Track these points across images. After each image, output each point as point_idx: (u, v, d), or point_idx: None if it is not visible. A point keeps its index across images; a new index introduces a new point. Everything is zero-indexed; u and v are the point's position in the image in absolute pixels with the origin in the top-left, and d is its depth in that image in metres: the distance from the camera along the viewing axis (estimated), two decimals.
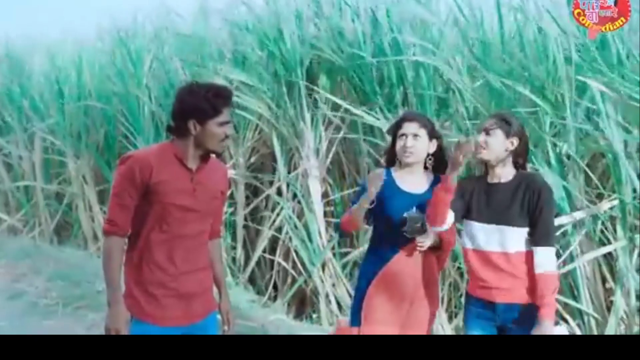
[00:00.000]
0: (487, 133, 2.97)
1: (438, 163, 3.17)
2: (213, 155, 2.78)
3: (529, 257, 2.92)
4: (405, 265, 3.08)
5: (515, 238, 2.92)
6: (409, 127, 3.10)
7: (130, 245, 2.75)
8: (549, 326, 2.85)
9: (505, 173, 3.00)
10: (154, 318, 2.69)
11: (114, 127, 8.09)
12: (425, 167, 3.16)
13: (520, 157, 3.02)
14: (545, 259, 2.90)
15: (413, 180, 3.13)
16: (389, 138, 3.32)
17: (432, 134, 3.14)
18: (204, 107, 2.62)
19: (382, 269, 3.09)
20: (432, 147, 3.15)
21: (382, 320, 3.09)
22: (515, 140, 2.97)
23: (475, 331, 3.00)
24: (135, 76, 7.52)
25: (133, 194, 2.64)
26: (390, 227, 3.06)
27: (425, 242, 2.99)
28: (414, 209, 3.03)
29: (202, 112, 2.63)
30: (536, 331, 2.84)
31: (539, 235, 2.90)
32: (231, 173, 6.39)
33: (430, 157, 3.15)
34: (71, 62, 8.80)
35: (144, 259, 2.69)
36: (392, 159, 3.20)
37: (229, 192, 5.15)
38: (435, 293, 3.22)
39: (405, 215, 3.01)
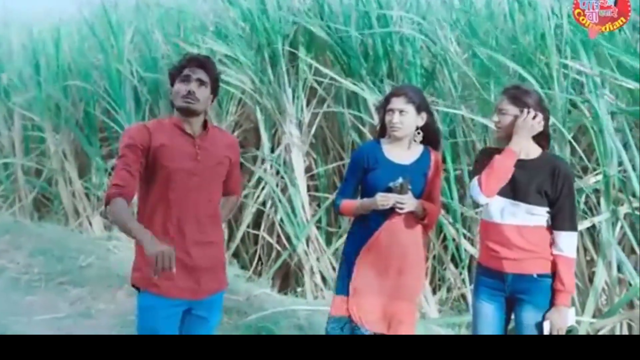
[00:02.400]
0: (501, 113, 2.96)
1: (427, 135, 3.19)
2: (219, 128, 2.89)
3: (540, 232, 2.94)
4: (392, 235, 3.11)
5: (528, 214, 2.92)
6: (396, 103, 3.12)
7: (139, 217, 2.78)
8: (565, 312, 2.89)
9: (526, 149, 2.97)
10: (160, 288, 2.70)
11: (94, 101, 7.97)
12: (415, 140, 3.18)
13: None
14: (568, 242, 2.93)
15: (401, 152, 3.16)
16: (373, 110, 3.32)
17: (420, 108, 3.14)
18: (173, 70, 2.83)
19: (370, 239, 3.13)
20: (421, 120, 3.15)
21: (371, 291, 3.13)
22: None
23: (485, 300, 3.03)
24: (117, 49, 7.40)
25: (136, 160, 2.68)
26: None
27: (405, 205, 3.02)
28: (400, 178, 3.05)
29: (172, 75, 2.82)
30: (552, 315, 2.89)
31: (565, 219, 2.92)
32: None
33: (418, 130, 3.16)
34: (50, 34, 8.63)
35: (152, 229, 2.67)
36: (383, 131, 3.22)
37: None
38: (423, 262, 3.26)
39: (390, 184, 3.05)
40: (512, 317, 3.04)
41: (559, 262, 2.92)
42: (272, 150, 6.35)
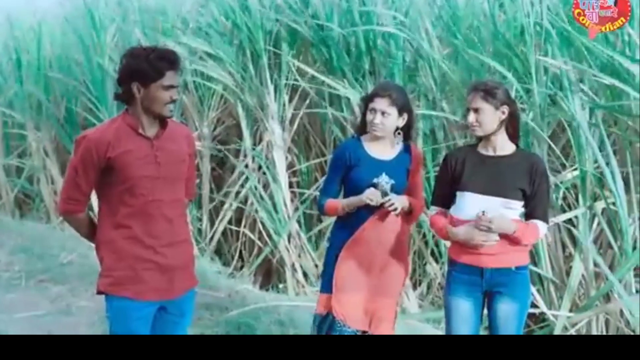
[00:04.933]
0: (476, 111, 2.94)
1: (406, 134, 3.21)
2: (172, 120, 2.74)
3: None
4: (375, 231, 3.12)
5: (502, 207, 2.92)
6: (380, 104, 3.11)
7: (102, 225, 2.70)
8: (507, 222, 2.87)
9: (500, 144, 2.98)
10: (133, 292, 2.65)
11: (76, 98, 7.92)
12: (396, 142, 3.19)
13: (510, 124, 2.97)
14: (540, 229, 2.99)
15: (382, 148, 3.17)
16: (356, 108, 3.33)
17: (403, 110, 3.13)
18: (146, 69, 2.58)
19: (353, 236, 3.13)
20: (402, 121, 3.16)
21: (353, 288, 3.14)
22: (506, 108, 2.94)
23: (461, 297, 2.99)
24: (99, 46, 7.35)
25: (92, 173, 2.61)
26: (359, 194, 3.09)
27: (397, 205, 3.03)
28: (383, 174, 3.06)
29: (144, 74, 2.58)
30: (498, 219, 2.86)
31: (539, 212, 2.97)
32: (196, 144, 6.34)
33: (398, 130, 3.17)
34: (31, 30, 8.55)
35: (120, 235, 2.64)
36: (364, 127, 3.21)
37: None
38: (405, 258, 3.27)
39: (374, 181, 3.06)
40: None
41: (527, 226, 2.94)
42: (254, 147, 6.35)
